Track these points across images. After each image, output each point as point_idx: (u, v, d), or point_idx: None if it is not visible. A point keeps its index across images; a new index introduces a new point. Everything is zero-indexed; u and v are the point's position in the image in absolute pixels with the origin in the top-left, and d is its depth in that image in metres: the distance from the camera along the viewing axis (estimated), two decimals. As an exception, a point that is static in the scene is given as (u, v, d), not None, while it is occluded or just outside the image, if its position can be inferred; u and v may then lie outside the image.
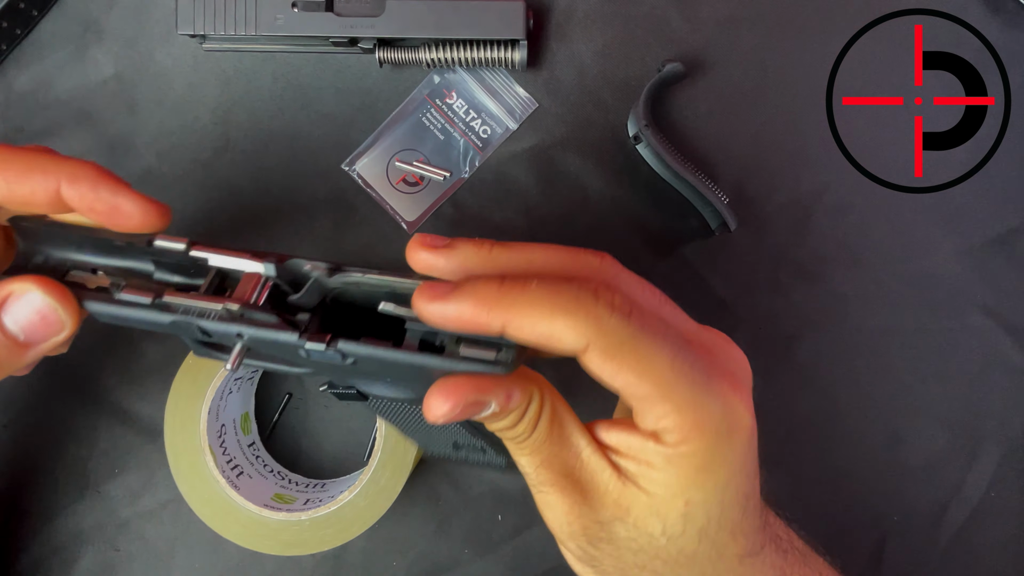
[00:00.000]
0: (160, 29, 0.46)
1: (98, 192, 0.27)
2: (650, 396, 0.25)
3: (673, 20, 0.46)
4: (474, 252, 0.26)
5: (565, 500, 0.28)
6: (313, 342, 0.27)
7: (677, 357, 0.25)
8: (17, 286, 0.27)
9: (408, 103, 0.47)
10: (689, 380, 0.25)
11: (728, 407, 0.26)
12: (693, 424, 0.25)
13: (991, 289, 0.47)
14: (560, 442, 0.28)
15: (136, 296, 0.28)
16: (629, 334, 0.24)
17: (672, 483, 0.26)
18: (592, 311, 0.24)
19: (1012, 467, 0.47)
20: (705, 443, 0.26)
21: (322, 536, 0.41)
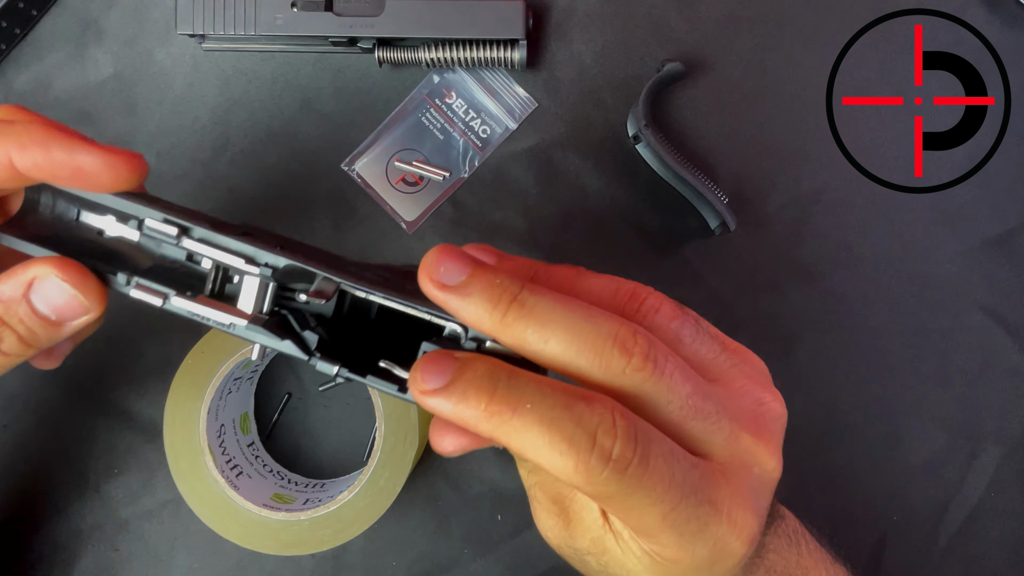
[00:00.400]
0: (159, 29, 0.46)
1: (51, 154, 0.24)
2: (633, 532, 0.25)
3: (673, 20, 0.46)
4: (487, 309, 0.23)
5: (550, 519, 0.28)
6: (323, 366, 0.27)
7: (674, 511, 0.23)
8: (39, 270, 0.26)
9: (407, 103, 0.47)
10: (678, 531, 0.23)
11: (717, 548, 0.24)
12: (672, 557, 0.24)
13: (991, 289, 0.47)
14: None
15: (145, 296, 0.27)
16: (620, 489, 0.22)
17: (647, 565, 0.25)
18: (584, 461, 0.22)
19: (1012, 467, 0.47)
20: (682, 569, 0.24)
21: (321, 536, 0.41)
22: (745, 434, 0.26)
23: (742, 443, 0.26)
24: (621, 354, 0.23)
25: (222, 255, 0.27)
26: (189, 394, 0.41)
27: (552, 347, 0.23)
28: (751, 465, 0.26)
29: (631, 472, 0.22)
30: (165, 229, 0.27)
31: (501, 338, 0.23)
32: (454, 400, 0.22)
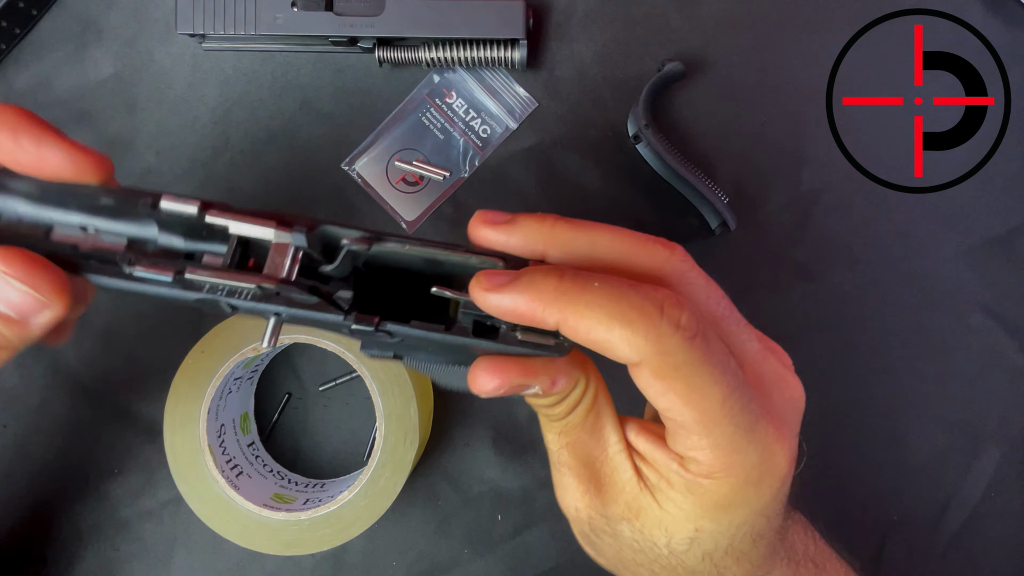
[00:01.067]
0: (159, 28, 0.46)
1: (19, 141, 0.23)
2: (690, 427, 0.24)
3: (673, 20, 0.46)
4: (536, 228, 0.24)
5: (580, 486, 0.27)
6: (360, 324, 0.25)
7: (731, 396, 0.23)
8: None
9: (408, 103, 0.47)
10: (735, 422, 0.24)
11: (766, 454, 0.25)
12: (724, 465, 0.25)
13: (991, 289, 0.47)
14: (591, 431, 0.27)
15: (154, 273, 0.24)
16: (688, 359, 0.23)
17: (687, 508, 0.26)
18: (655, 327, 0.22)
19: (1012, 467, 0.47)
20: (730, 485, 0.25)
21: (321, 536, 0.41)
22: (772, 356, 0.28)
23: (770, 362, 0.27)
24: (664, 247, 0.25)
25: (249, 223, 0.24)
26: (189, 394, 0.41)
27: (601, 248, 0.24)
28: (781, 386, 0.27)
29: (698, 342, 0.23)
30: (184, 207, 0.24)
31: (551, 250, 0.24)
32: (522, 286, 0.22)
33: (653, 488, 0.27)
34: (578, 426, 0.27)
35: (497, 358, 0.25)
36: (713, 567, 0.27)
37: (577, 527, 0.29)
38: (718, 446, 0.24)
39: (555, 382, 0.25)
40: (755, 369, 0.27)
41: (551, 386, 0.25)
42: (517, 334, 0.25)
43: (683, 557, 0.27)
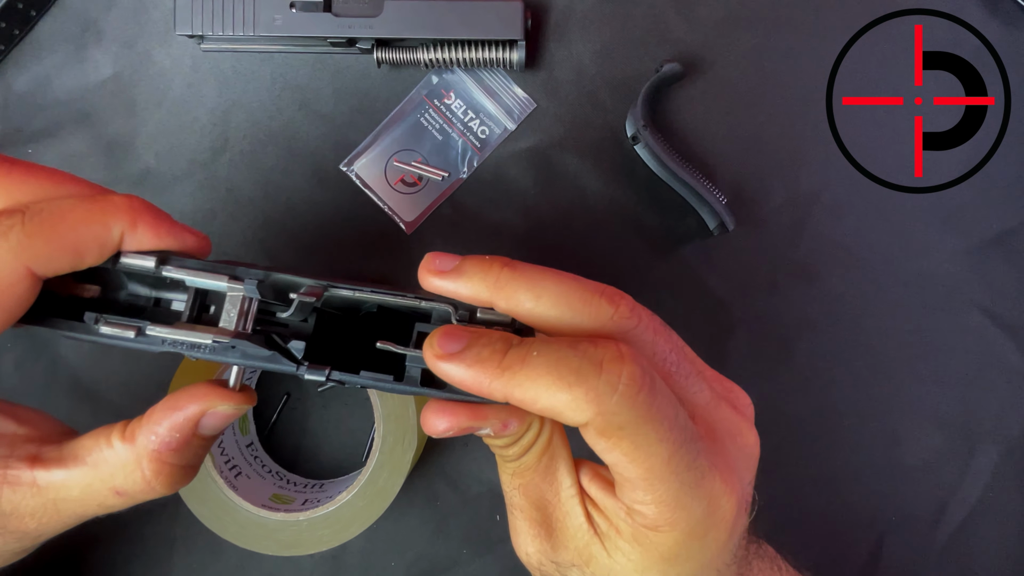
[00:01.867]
0: (158, 29, 0.46)
1: (160, 237, 0.26)
2: (635, 483, 0.24)
3: (671, 20, 0.46)
4: (481, 276, 0.24)
5: (531, 530, 0.28)
6: (312, 372, 0.26)
7: (677, 453, 0.23)
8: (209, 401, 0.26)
9: (406, 103, 0.47)
10: (680, 479, 0.24)
11: (712, 507, 0.25)
12: (668, 520, 0.24)
13: (990, 289, 0.47)
14: (545, 474, 0.27)
15: (118, 331, 0.26)
16: (631, 418, 0.22)
17: (635, 559, 0.26)
18: (593, 388, 0.22)
19: (1010, 467, 0.47)
20: (674, 539, 0.25)
21: (320, 536, 0.41)
22: (725, 404, 0.27)
23: (723, 411, 0.27)
24: (608, 303, 0.24)
25: (203, 277, 0.26)
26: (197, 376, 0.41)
27: (544, 303, 0.24)
28: (734, 434, 0.27)
29: (643, 398, 0.22)
30: (142, 261, 0.26)
31: (497, 300, 0.24)
32: (469, 361, 0.23)
33: (603, 536, 0.26)
34: (532, 468, 0.27)
35: (448, 401, 0.25)
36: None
37: (531, 571, 0.29)
38: (663, 502, 0.24)
39: (506, 424, 0.26)
40: (707, 419, 0.26)
41: (502, 428, 0.26)
42: None
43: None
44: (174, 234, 0.26)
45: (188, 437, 0.26)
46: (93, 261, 0.25)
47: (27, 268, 0.24)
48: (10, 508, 0.26)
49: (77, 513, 0.27)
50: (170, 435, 0.26)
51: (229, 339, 0.25)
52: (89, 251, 0.25)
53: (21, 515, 0.26)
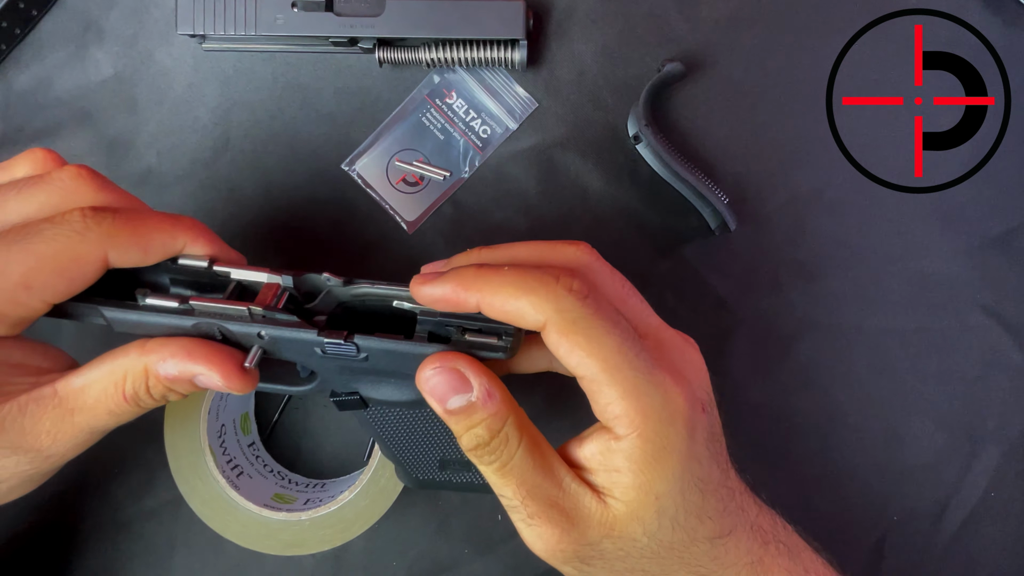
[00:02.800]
0: (160, 29, 0.46)
1: (211, 249, 0.32)
2: (599, 378, 0.28)
3: (673, 20, 0.46)
4: (463, 258, 0.31)
5: (555, 529, 0.29)
6: (331, 338, 0.30)
7: (624, 343, 0.28)
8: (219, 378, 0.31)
9: (408, 103, 0.47)
10: (633, 366, 0.28)
11: (667, 396, 0.29)
12: (637, 410, 0.28)
13: (991, 289, 0.47)
14: (543, 472, 0.29)
15: (163, 301, 0.30)
16: (582, 315, 0.28)
17: (639, 482, 0.28)
18: (552, 291, 0.28)
19: (1012, 467, 0.47)
20: (651, 429, 0.28)
21: (322, 536, 0.41)
22: (671, 330, 0.32)
23: (669, 332, 0.32)
24: (570, 244, 0.31)
25: (247, 272, 0.32)
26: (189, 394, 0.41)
27: (521, 256, 0.31)
28: (681, 349, 0.32)
29: (590, 302, 0.28)
30: (196, 261, 0.31)
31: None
32: (448, 277, 0.29)
33: (610, 490, 0.29)
34: (529, 470, 0.29)
35: (443, 353, 0.30)
36: (683, 532, 0.30)
37: (565, 567, 0.30)
38: (626, 392, 0.28)
39: (490, 393, 0.29)
40: (655, 336, 0.31)
41: (487, 397, 0.29)
42: (464, 337, 0.30)
43: (659, 535, 0.29)
44: (222, 249, 0.32)
45: (186, 382, 0.31)
46: (154, 261, 0.31)
47: (105, 255, 0.29)
48: (30, 424, 0.29)
49: (88, 425, 0.30)
50: (176, 372, 0.30)
51: (263, 309, 0.30)
52: (155, 252, 0.31)
53: (38, 432, 0.29)
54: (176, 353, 0.30)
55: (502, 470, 0.29)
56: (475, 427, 0.29)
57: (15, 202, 0.30)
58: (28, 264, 0.28)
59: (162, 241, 0.31)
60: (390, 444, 0.36)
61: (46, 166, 0.32)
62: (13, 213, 0.30)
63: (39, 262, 0.28)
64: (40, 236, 0.28)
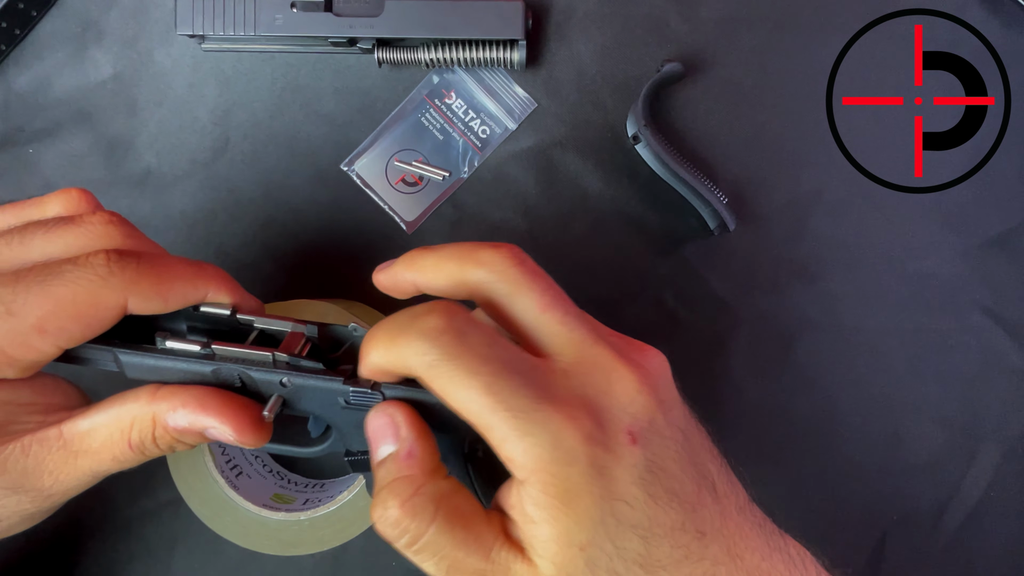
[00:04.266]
0: (159, 29, 0.46)
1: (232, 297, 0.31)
2: (476, 422, 0.25)
3: (672, 20, 0.46)
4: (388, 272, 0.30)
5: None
6: (357, 387, 0.29)
7: (495, 382, 0.25)
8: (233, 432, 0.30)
9: (407, 103, 0.47)
10: (507, 406, 0.25)
11: (557, 435, 0.25)
12: (524, 452, 0.25)
13: (991, 289, 0.47)
14: (465, 546, 0.26)
15: (185, 345, 0.29)
16: (438, 356, 0.25)
17: (556, 533, 0.25)
18: (406, 338, 0.26)
19: (1011, 467, 0.47)
20: (547, 472, 0.25)
21: (321, 536, 0.41)
22: (603, 345, 0.27)
23: (597, 349, 0.27)
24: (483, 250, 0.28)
25: (271, 322, 0.31)
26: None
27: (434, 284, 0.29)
28: (607, 370, 0.27)
29: (446, 339, 0.25)
30: (219, 310, 0.30)
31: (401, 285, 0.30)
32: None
33: (532, 546, 0.26)
34: (449, 545, 0.26)
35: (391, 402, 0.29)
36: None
37: None
38: (507, 435, 0.25)
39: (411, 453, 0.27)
40: (572, 357, 0.27)
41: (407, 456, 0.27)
42: None
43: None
44: (244, 297, 0.32)
45: (196, 434, 0.30)
46: (174, 308, 0.30)
47: (125, 302, 0.28)
48: (32, 465, 0.28)
49: (91, 469, 0.29)
50: (186, 424, 0.29)
51: (288, 356, 0.29)
52: (176, 300, 0.29)
53: (40, 473, 0.28)
54: (188, 403, 0.29)
55: (411, 548, 0.26)
56: (386, 496, 0.26)
57: (41, 240, 0.29)
58: (45, 307, 0.27)
59: (184, 290, 0.30)
60: None
61: (79, 208, 0.31)
62: (36, 251, 0.29)
63: (57, 305, 0.27)
64: (61, 278, 0.27)
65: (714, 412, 0.47)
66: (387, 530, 0.26)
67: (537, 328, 0.27)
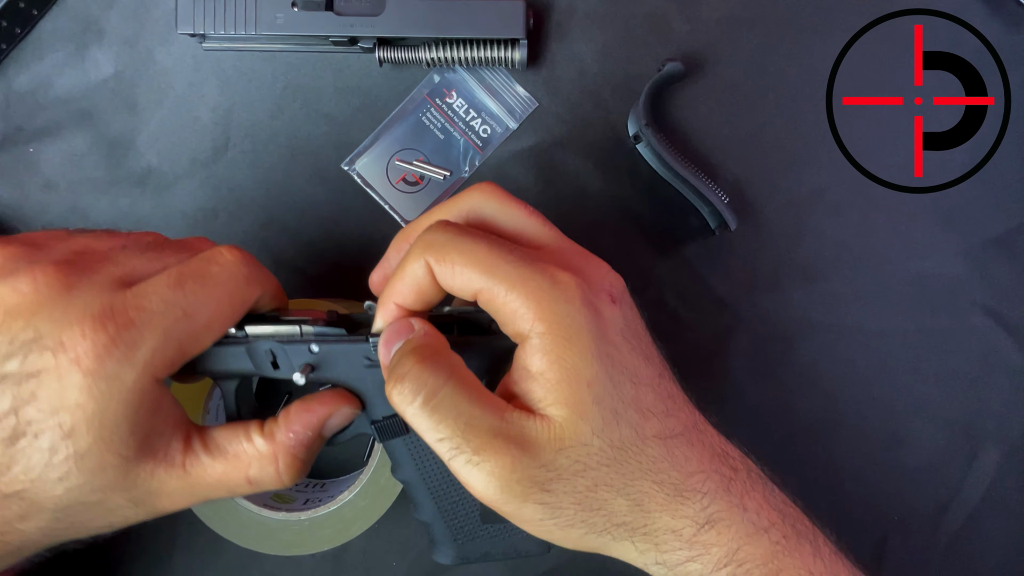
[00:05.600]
0: (160, 28, 0.46)
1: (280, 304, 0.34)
2: (483, 283, 0.28)
3: (673, 20, 0.46)
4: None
5: (505, 459, 0.27)
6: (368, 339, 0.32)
7: (494, 247, 0.28)
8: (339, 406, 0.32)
9: (408, 102, 0.47)
10: (508, 261, 0.28)
11: (555, 279, 0.28)
12: (528, 296, 0.28)
13: (991, 289, 0.47)
14: (480, 404, 0.28)
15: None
16: (448, 237, 0.29)
17: (563, 373, 0.28)
18: (421, 236, 0.30)
19: (1012, 467, 0.47)
20: (549, 311, 0.28)
21: (322, 536, 0.41)
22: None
23: (574, 244, 0.32)
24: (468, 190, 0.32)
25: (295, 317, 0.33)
26: (189, 394, 0.41)
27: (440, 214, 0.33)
28: (584, 255, 0.31)
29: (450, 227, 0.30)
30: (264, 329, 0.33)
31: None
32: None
33: (542, 400, 0.28)
34: (465, 401, 0.28)
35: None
36: (631, 430, 0.28)
37: (527, 505, 0.28)
38: (512, 285, 0.28)
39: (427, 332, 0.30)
40: (555, 248, 0.31)
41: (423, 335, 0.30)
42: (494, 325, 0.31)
43: (608, 433, 0.28)
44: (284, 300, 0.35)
45: (317, 435, 0.32)
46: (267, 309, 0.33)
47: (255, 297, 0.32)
48: (157, 486, 0.29)
49: (207, 496, 0.31)
50: (304, 432, 0.31)
51: (313, 327, 0.32)
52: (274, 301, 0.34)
53: (160, 494, 0.30)
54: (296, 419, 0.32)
55: (429, 403, 0.27)
56: (404, 358, 0.28)
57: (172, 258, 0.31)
58: (211, 307, 0.29)
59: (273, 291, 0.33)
60: (429, 481, 0.34)
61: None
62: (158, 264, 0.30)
63: (218, 305, 0.29)
64: (214, 279, 0.30)
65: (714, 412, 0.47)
66: (404, 388, 0.28)
67: (525, 229, 0.31)
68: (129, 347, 0.27)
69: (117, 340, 0.27)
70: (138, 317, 0.27)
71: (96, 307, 0.27)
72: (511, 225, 0.32)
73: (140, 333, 0.27)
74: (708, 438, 0.31)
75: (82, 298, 0.27)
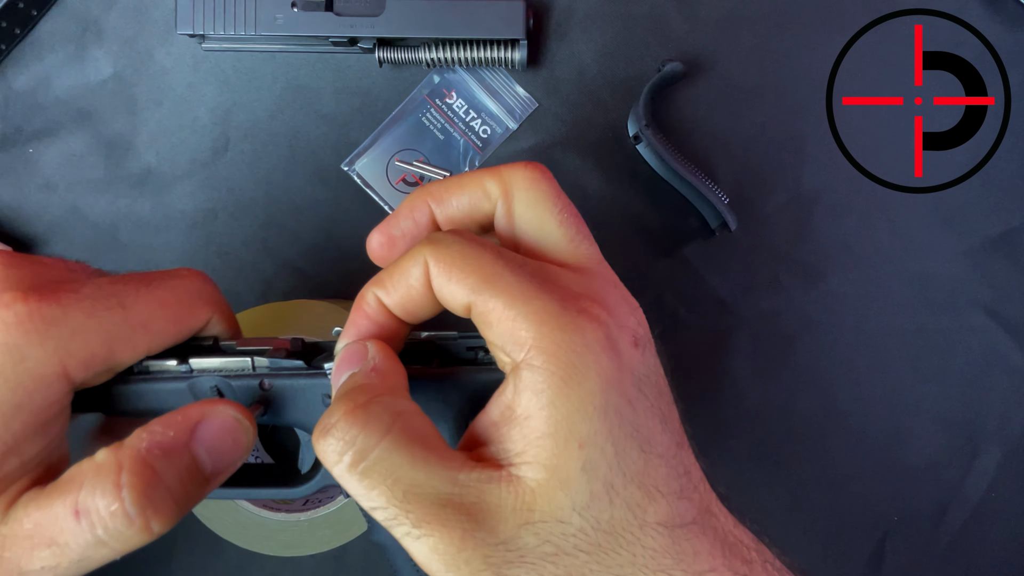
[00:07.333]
0: (159, 29, 0.46)
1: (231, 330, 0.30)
2: (478, 296, 0.23)
3: (673, 20, 0.46)
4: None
5: (454, 532, 0.22)
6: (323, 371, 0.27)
7: (499, 258, 0.24)
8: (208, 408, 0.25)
9: (408, 103, 0.47)
10: (513, 273, 0.23)
11: (564, 303, 0.23)
12: (528, 315, 0.23)
13: (991, 289, 0.47)
14: (425, 466, 0.22)
15: (163, 362, 0.27)
16: (454, 240, 0.24)
17: (553, 425, 0.22)
18: (427, 236, 0.25)
19: (1012, 467, 0.47)
20: (549, 339, 0.22)
21: (321, 536, 0.41)
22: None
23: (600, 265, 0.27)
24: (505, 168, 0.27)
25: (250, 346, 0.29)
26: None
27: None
28: (615, 284, 0.26)
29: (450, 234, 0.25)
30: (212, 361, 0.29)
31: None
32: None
33: (517, 453, 0.23)
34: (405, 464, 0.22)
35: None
36: (628, 512, 0.22)
37: None
38: (511, 301, 0.23)
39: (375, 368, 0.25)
40: (581, 266, 0.26)
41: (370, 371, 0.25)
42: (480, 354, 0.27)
43: (595, 510, 0.22)
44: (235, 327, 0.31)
45: (182, 442, 0.24)
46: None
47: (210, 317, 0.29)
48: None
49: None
50: (164, 432, 0.24)
51: (268, 360, 0.27)
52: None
53: None
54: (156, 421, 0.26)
55: (358, 467, 0.22)
56: (336, 402, 0.23)
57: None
58: (152, 306, 0.26)
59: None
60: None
61: None
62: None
63: (161, 307, 0.27)
64: (165, 284, 0.27)
65: (715, 412, 0.47)
66: (328, 446, 0.22)
67: (548, 238, 0.27)
68: (47, 322, 0.24)
69: (35, 314, 0.24)
70: (67, 297, 0.25)
71: (27, 283, 0.25)
72: (533, 231, 0.26)
73: (64, 311, 0.24)
74: (720, 523, 0.25)
75: (16, 274, 0.25)
